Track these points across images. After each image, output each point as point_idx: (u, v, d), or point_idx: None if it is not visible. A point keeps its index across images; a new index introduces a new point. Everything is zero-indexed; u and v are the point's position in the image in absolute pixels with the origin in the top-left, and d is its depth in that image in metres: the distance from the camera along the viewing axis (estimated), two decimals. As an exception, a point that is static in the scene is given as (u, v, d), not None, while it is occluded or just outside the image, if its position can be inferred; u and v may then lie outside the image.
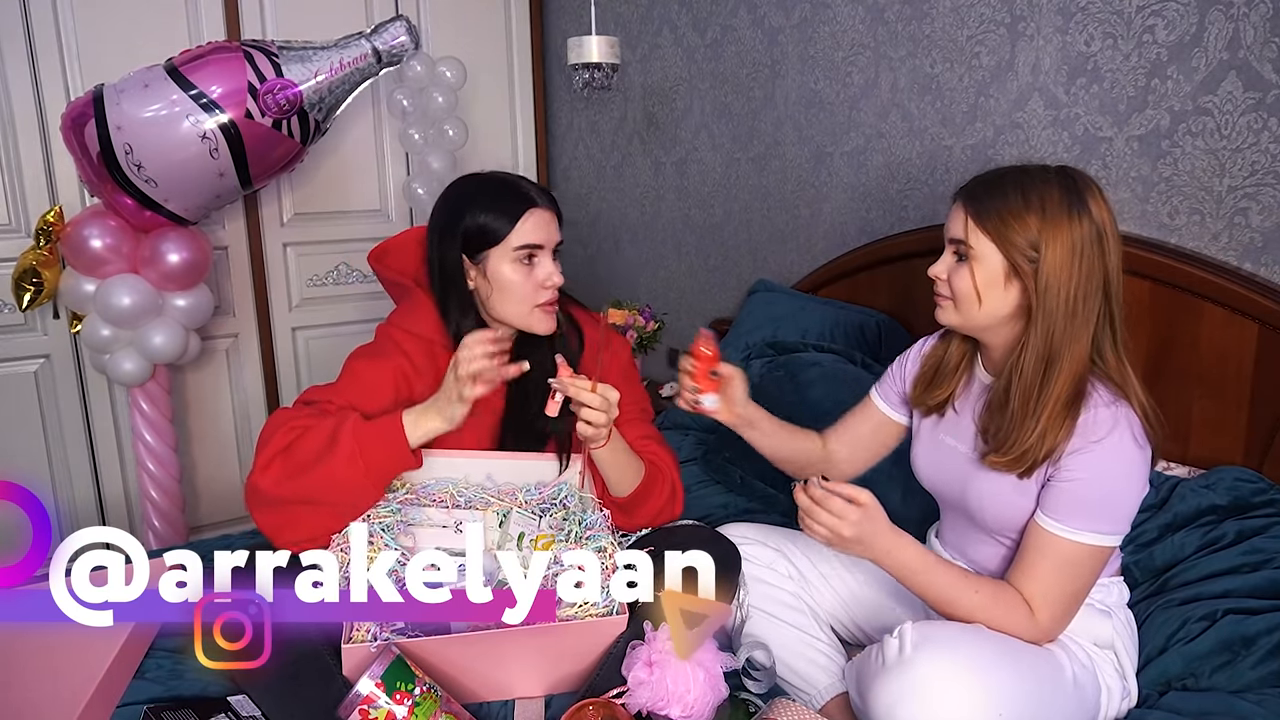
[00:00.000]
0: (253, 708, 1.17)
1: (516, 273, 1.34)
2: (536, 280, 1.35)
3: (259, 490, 1.27)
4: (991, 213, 1.09)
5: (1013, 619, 1.11)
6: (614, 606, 1.26)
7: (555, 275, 1.36)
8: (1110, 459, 1.07)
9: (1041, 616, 1.10)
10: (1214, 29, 1.41)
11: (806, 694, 1.27)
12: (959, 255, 1.14)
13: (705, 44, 2.50)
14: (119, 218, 2.13)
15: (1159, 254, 1.49)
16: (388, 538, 1.31)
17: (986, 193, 1.11)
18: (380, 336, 1.45)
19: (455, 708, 1.12)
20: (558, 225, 1.39)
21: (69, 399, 2.51)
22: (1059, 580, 1.10)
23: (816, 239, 2.26)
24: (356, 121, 2.79)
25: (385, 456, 1.27)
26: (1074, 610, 1.13)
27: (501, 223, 1.34)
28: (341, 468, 1.25)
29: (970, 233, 1.11)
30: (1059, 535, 1.09)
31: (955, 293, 1.14)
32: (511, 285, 1.35)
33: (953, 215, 1.15)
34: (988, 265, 1.11)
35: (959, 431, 1.24)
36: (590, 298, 3.11)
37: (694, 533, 1.38)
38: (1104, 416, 1.07)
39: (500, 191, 1.36)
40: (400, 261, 1.50)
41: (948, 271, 1.15)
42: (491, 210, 1.34)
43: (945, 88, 1.86)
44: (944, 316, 1.18)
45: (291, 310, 2.83)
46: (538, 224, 1.35)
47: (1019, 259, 1.08)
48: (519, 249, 1.34)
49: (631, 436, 1.43)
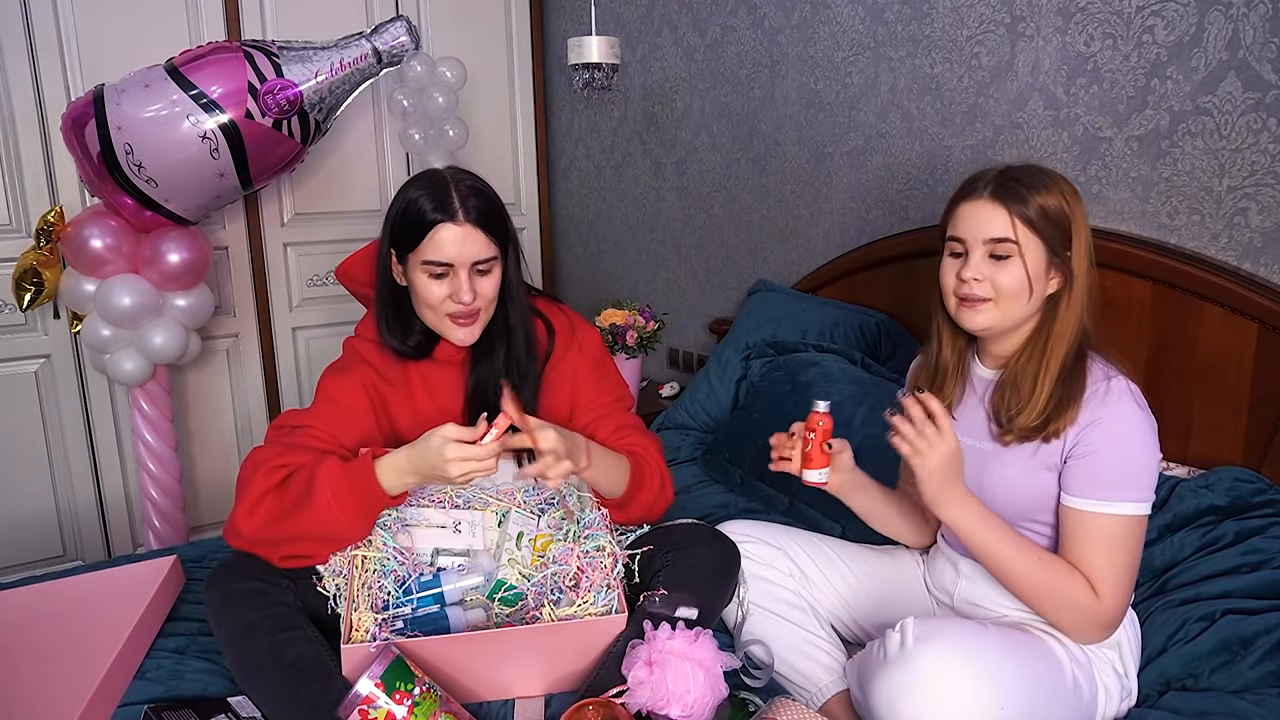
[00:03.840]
0: (253, 708, 1.18)
1: (427, 283, 1.29)
2: (446, 293, 1.29)
3: (243, 535, 1.24)
4: (1032, 206, 1.13)
5: (1079, 596, 1.11)
6: (613, 606, 1.26)
7: (465, 293, 1.28)
8: (1121, 426, 1.11)
9: (1105, 597, 1.11)
10: (1213, 29, 1.41)
11: (807, 691, 1.27)
12: (997, 255, 1.15)
13: (705, 44, 2.50)
14: (119, 218, 2.13)
15: (1159, 254, 1.49)
16: (385, 535, 1.31)
17: (1018, 188, 1.14)
18: (346, 350, 1.45)
19: (455, 707, 1.12)
20: (485, 241, 1.29)
21: (69, 399, 2.51)
22: (1109, 559, 1.11)
23: (816, 239, 2.26)
24: (357, 121, 2.79)
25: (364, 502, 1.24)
26: (1130, 590, 1.13)
27: (416, 228, 1.28)
28: (322, 511, 1.22)
29: (1017, 229, 1.13)
30: (1094, 512, 1.11)
31: (1000, 291, 1.15)
32: (421, 292, 1.31)
33: (984, 215, 1.15)
34: (1034, 258, 1.14)
35: (966, 428, 1.25)
36: (590, 298, 3.12)
37: (693, 530, 1.38)
38: (1105, 389, 1.13)
39: (429, 196, 1.28)
40: (364, 273, 1.47)
41: (987, 273, 1.15)
42: (412, 214, 1.28)
43: (945, 88, 1.86)
44: (980, 320, 1.17)
45: (292, 310, 2.83)
46: (447, 241, 1.27)
47: (1058, 248, 1.14)
48: (426, 263, 1.28)
49: (608, 430, 1.42)
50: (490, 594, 1.30)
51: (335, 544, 1.28)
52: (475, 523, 1.39)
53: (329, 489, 1.22)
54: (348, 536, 1.26)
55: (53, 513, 2.55)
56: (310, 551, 1.27)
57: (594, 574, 1.31)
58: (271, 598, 1.21)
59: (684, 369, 2.80)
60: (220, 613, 1.21)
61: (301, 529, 1.23)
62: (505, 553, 1.34)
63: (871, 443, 1.70)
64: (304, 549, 1.27)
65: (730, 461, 1.96)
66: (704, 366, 2.34)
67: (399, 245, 1.32)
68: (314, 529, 1.23)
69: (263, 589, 1.21)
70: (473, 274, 1.30)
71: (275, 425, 1.38)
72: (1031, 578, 1.13)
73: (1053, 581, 1.12)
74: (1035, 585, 1.13)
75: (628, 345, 2.44)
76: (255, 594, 1.21)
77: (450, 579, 1.30)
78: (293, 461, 1.27)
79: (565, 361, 1.45)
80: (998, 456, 1.21)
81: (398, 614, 1.25)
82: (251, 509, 1.24)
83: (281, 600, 1.21)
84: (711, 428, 2.21)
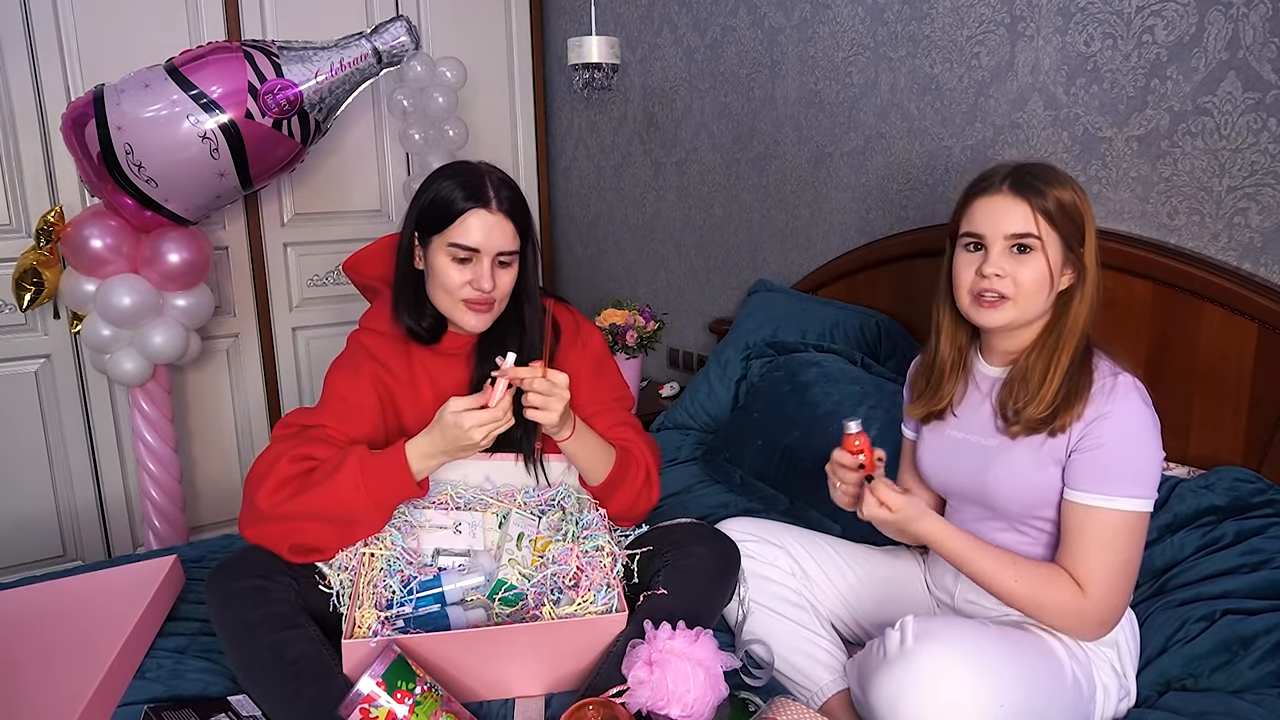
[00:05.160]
0: (253, 707, 1.18)
1: (449, 266, 1.32)
2: (466, 279, 1.32)
3: (259, 509, 1.26)
4: (1053, 201, 1.14)
5: (1061, 599, 1.12)
6: (613, 604, 1.26)
7: (485, 280, 1.31)
8: (1127, 421, 1.11)
9: (1093, 594, 1.11)
10: (1213, 29, 1.41)
11: (807, 690, 1.27)
12: (1018, 249, 1.15)
13: (705, 44, 2.50)
14: (119, 218, 2.13)
15: (1159, 254, 1.49)
16: (397, 535, 1.31)
17: (1038, 185, 1.15)
18: (350, 344, 1.46)
19: (456, 707, 1.12)
20: (513, 234, 1.34)
21: (69, 399, 2.51)
22: (1103, 555, 1.11)
23: (816, 239, 2.26)
24: (357, 121, 2.79)
25: (390, 487, 1.28)
26: (1125, 588, 1.13)
27: (446, 213, 1.31)
28: (346, 491, 1.25)
29: (1040, 223, 1.14)
30: (1094, 506, 1.11)
31: (1021, 287, 1.15)
32: (440, 275, 1.33)
33: (1004, 210, 1.15)
34: (1054, 254, 1.15)
35: (970, 424, 1.26)
36: (590, 298, 3.12)
37: (693, 530, 1.38)
38: (1112, 384, 1.13)
39: (462, 182, 1.32)
40: (372, 267, 1.49)
41: (1009, 268, 1.15)
42: (445, 197, 1.32)
43: (945, 88, 1.87)
44: (998, 317, 1.17)
45: (292, 310, 2.83)
46: (477, 227, 1.31)
47: (1074, 242, 1.15)
48: (452, 245, 1.32)
49: (604, 425, 1.43)
50: (491, 594, 1.30)
51: (348, 531, 1.28)
52: (476, 523, 1.39)
53: (359, 468, 1.26)
54: (364, 522, 1.28)
55: (53, 513, 2.55)
56: (321, 541, 1.28)
57: (594, 573, 1.31)
58: (273, 596, 1.21)
59: (684, 369, 2.80)
60: (221, 611, 1.21)
61: (321, 506, 1.25)
62: (506, 553, 1.34)
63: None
64: (315, 534, 1.27)
65: (730, 461, 1.96)
66: (704, 366, 2.34)
67: (424, 228, 1.34)
68: (333, 509, 1.25)
69: (264, 587, 1.21)
70: (495, 264, 1.33)
71: (283, 424, 1.38)
72: (1017, 598, 1.14)
73: (1040, 596, 1.13)
74: (1020, 602, 1.14)
75: (628, 345, 2.44)
76: (257, 592, 1.21)
77: (451, 579, 1.30)
78: (316, 454, 1.30)
79: (568, 360, 1.45)
80: (1003, 453, 1.21)
81: (399, 613, 1.25)
82: (275, 489, 1.26)
83: (283, 599, 1.21)
84: (711, 428, 2.21)
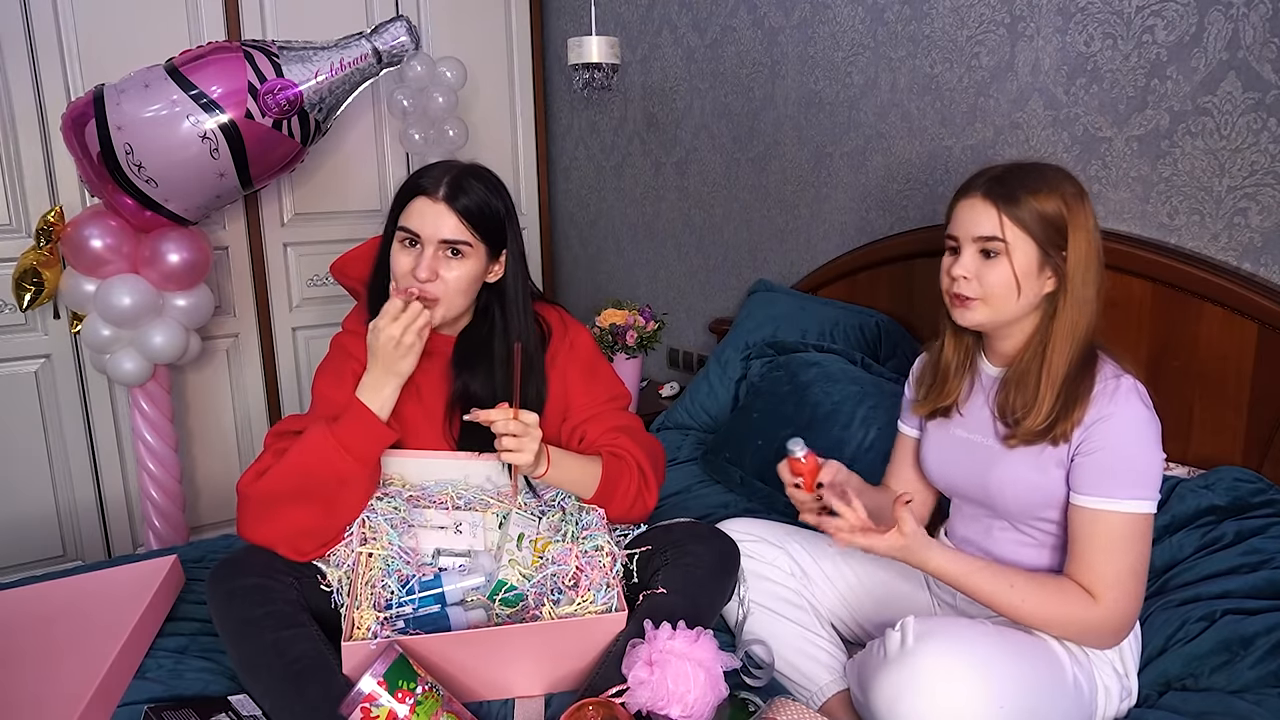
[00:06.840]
0: (253, 707, 1.18)
1: (397, 251, 1.35)
2: (410, 268, 1.32)
3: (241, 493, 1.29)
4: (1024, 206, 1.13)
5: (1072, 610, 1.11)
6: (613, 604, 1.26)
7: (422, 270, 1.30)
8: (1127, 424, 1.11)
9: (1104, 601, 1.10)
10: (1213, 29, 1.41)
11: (807, 690, 1.27)
12: (986, 252, 1.15)
13: (705, 44, 2.50)
14: (119, 218, 2.13)
15: (1159, 254, 1.49)
16: (393, 535, 1.31)
17: (1012, 187, 1.14)
18: (333, 348, 1.47)
19: (456, 707, 1.12)
20: (457, 225, 1.32)
21: (69, 399, 2.51)
22: (1112, 559, 1.10)
23: (816, 239, 2.27)
24: (357, 121, 2.79)
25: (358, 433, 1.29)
26: (1137, 591, 1.12)
27: (400, 198, 1.36)
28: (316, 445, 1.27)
29: (1006, 228, 1.13)
30: (1100, 510, 1.11)
31: (988, 289, 1.15)
32: (392, 261, 1.35)
33: (975, 213, 1.15)
34: (1024, 258, 1.14)
35: (973, 424, 1.26)
36: (590, 298, 3.12)
37: (693, 530, 1.38)
38: (1114, 386, 1.12)
39: (422, 171, 1.36)
40: (359, 269, 1.49)
41: (976, 271, 1.16)
42: (404, 184, 1.36)
43: (945, 88, 1.87)
44: (970, 317, 1.18)
45: (292, 310, 2.83)
46: (417, 211, 1.32)
47: (1051, 248, 1.13)
48: (399, 229, 1.34)
49: (599, 431, 1.43)
50: (491, 594, 1.30)
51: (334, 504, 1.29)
52: (476, 524, 1.39)
53: (323, 424, 1.29)
54: (346, 482, 1.28)
55: (53, 513, 2.55)
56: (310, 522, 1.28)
57: (593, 573, 1.31)
58: (274, 594, 1.21)
59: (684, 369, 2.80)
60: (223, 609, 1.21)
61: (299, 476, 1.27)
62: (506, 554, 1.34)
63: (871, 441, 1.71)
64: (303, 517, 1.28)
65: (730, 461, 1.96)
66: (704, 366, 2.34)
67: (392, 221, 1.37)
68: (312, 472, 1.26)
69: (266, 586, 1.22)
70: (439, 253, 1.32)
71: (275, 432, 1.38)
72: (1024, 615, 1.13)
73: (1050, 610, 1.12)
74: (1027, 619, 1.13)
75: (628, 345, 2.44)
76: (258, 591, 1.21)
77: (451, 579, 1.30)
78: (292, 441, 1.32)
79: (556, 363, 1.45)
80: (1006, 454, 1.20)
81: (399, 613, 1.25)
82: (255, 475, 1.29)
83: (285, 597, 1.22)
84: (711, 428, 2.21)
